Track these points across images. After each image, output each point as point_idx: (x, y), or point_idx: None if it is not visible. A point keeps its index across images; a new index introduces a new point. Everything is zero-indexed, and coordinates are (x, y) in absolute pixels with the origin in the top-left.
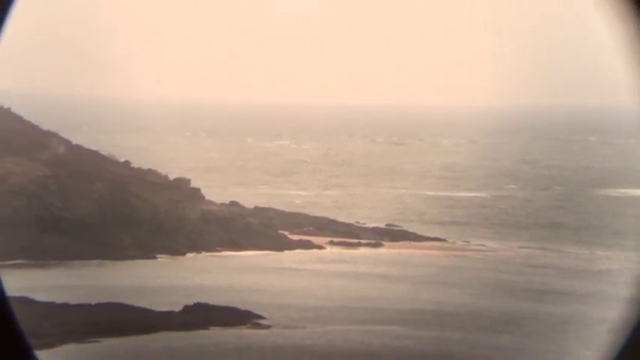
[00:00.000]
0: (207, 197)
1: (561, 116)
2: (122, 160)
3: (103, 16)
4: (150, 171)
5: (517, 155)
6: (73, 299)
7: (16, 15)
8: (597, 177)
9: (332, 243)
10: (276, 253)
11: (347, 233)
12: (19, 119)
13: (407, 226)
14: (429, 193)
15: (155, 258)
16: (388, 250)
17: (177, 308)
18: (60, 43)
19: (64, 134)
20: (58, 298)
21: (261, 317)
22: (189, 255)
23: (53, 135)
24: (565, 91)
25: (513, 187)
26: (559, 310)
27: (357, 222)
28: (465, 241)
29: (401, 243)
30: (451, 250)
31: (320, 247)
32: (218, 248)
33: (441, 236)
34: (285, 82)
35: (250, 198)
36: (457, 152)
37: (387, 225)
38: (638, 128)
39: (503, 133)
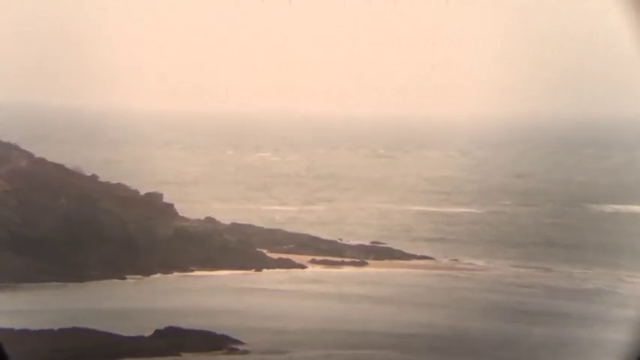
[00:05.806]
0: (181, 213)
1: (557, 127)
2: (89, 174)
3: (73, 22)
4: (119, 185)
5: (510, 169)
6: (34, 325)
7: None
8: (592, 192)
9: (314, 262)
10: (254, 272)
11: (330, 251)
12: None
13: (393, 244)
14: (417, 208)
15: (124, 278)
16: (373, 269)
17: (148, 333)
18: (24, 49)
19: (25, 146)
20: (17, 324)
21: (239, 342)
22: (161, 275)
23: (14, 147)
24: (563, 100)
25: (505, 202)
26: (550, 332)
27: (340, 239)
28: (454, 260)
29: (386, 261)
30: (439, 268)
31: (301, 267)
32: (192, 267)
33: (429, 254)
34: (265, 91)
35: (228, 214)
36: (446, 165)
37: (372, 242)
38: (637, 141)
39: (495, 145)
